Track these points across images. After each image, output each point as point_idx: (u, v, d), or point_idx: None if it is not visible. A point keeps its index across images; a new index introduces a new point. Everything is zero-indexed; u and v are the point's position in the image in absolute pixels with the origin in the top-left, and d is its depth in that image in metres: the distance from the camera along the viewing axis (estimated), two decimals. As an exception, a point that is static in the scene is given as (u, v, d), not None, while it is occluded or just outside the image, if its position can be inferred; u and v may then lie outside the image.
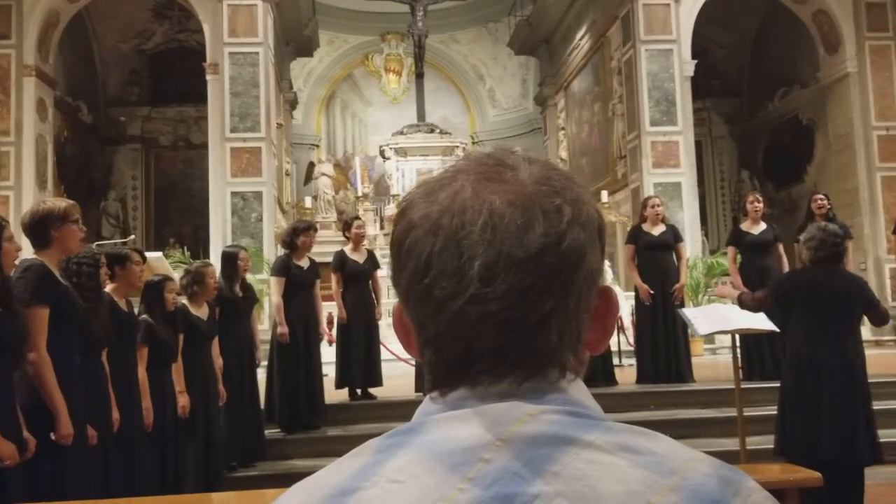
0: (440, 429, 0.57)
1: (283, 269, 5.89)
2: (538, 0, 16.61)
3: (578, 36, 15.41)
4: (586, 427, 0.56)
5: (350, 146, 20.73)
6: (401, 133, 16.79)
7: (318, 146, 20.40)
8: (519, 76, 20.66)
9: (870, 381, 4.12)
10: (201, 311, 4.92)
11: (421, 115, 17.28)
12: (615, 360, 8.44)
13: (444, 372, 0.60)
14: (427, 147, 16.08)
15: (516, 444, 0.54)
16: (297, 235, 5.90)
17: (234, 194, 11.28)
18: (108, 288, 3.97)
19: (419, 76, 17.70)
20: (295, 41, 16.00)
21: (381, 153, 17.05)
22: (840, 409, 3.87)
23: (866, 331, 6.85)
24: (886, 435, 5.03)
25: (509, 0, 18.38)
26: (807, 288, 4.04)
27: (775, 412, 5.56)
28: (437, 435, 0.56)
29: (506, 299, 0.56)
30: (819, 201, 7.36)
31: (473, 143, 20.82)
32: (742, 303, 4.45)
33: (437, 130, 16.93)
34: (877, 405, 4.22)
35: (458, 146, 16.12)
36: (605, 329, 0.64)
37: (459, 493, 0.53)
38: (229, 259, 5.54)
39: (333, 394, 6.31)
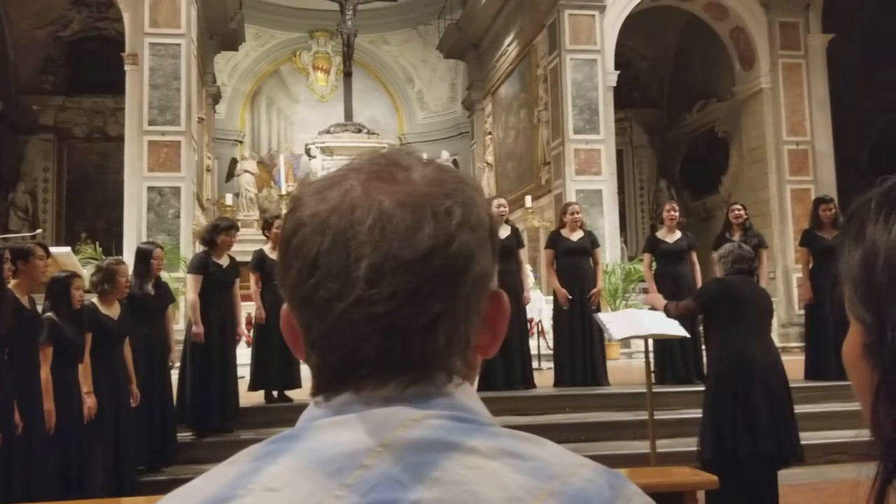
0: (321, 434, 0.56)
1: (201, 266, 5.75)
2: (467, 5, 16.74)
3: (506, 42, 15.59)
4: (470, 432, 0.55)
5: (275, 143, 20.42)
6: (327, 132, 16.65)
7: (241, 142, 20.02)
8: (448, 80, 20.76)
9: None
10: (112, 310, 4.76)
11: (348, 114, 17.18)
12: (534, 364, 8.57)
13: (329, 376, 0.59)
14: (354, 147, 15.96)
15: (398, 449, 0.54)
16: (218, 233, 5.78)
17: (150, 189, 10.96)
18: (11, 284, 3.80)
19: (347, 75, 17.59)
20: (219, 34, 15.67)
21: (307, 151, 16.86)
22: (772, 406, 4.04)
23: (773, 336, 7.15)
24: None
25: (440, 3, 18.46)
26: (730, 293, 4.19)
27: (686, 416, 5.74)
28: (318, 441, 0.55)
29: (392, 301, 0.56)
30: (736, 211, 7.61)
31: (402, 144, 20.79)
32: (668, 313, 4.58)
33: (365, 130, 16.86)
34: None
35: (385, 147, 16.07)
36: (495, 333, 0.63)
37: (336, 501, 0.52)
38: (143, 256, 5.39)
39: (249, 396, 6.20)
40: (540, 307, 9.16)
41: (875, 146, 14.28)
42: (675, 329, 5.09)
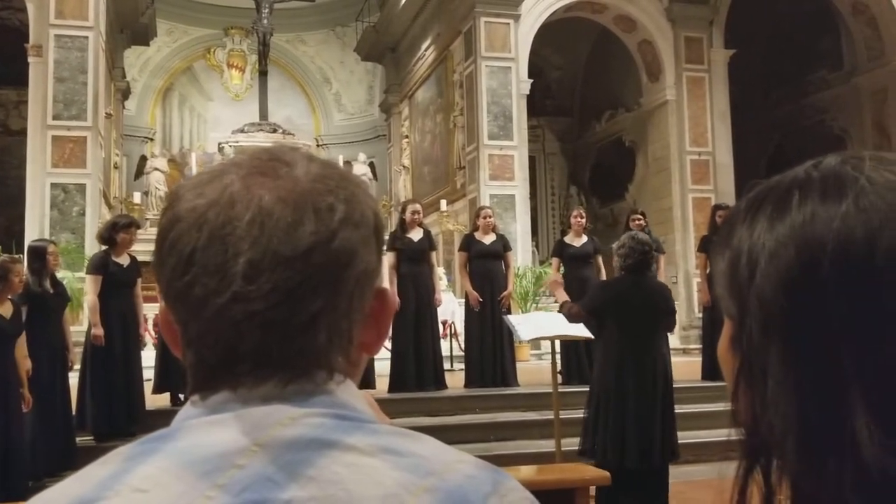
0: (195, 434, 0.54)
1: (100, 266, 5.58)
2: (385, 8, 16.76)
3: (423, 47, 15.69)
4: (349, 430, 0.55)
5: (187, 141, 19.92)
6: (241, 131, 16.35)
7: (152, 140, 19.46)
8: (366, 82, 20.71)
9: (676, 385, 4.48)
10: (4, 309, 4.60)
11: (263, 113, 16.92)
12: (447, 365, 8.67)
13: (206, 374, 0.57)
14: (268, 147, 15.76)
15: (273, 448, 0.53)
16: (117, 231, 5.62)
17: (54, 186, 10.54)
18: None
19: (263, 74, 17.32)
20: (130, 28, 15.20)
21: (220, 150, 16.50)
22: (647, 411, 4.16)
23: (674, 339, 7.46)
24: (692, 436, 5.53)
25: (358, 5, 18.41)
26: (617, 299, 4.27)
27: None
28: (192, 440, 0.54)
29: (271, 298, 0.55)
30: (637, 220, 7.93)
31: (318, 145, 20.61)
32: (562, 310, 4.68)
33: (280, 130, 16.63)
34: (682, 408, 4.59)
35: (301, 148, 15.91)
36: (380, 330, 0.63)
37: (208, 501, 0.51)
38: (37, 253, 5.20)
39: (155, 399, 6.07)
40: (453, 309, 9.28)
41: (772, 158, 15.02)
42: (580, 331, 5.26)
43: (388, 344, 8.03)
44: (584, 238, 7.56)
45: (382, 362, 7.33)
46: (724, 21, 13.16)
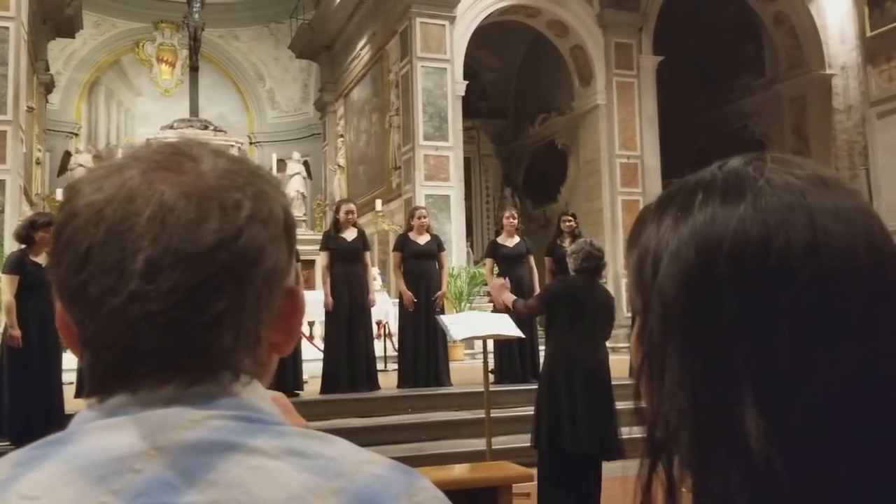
0: (90, 438, 0.52)
1: (17, 265, 5.38)
2: (321, 6, 16.62)
3: (359, 46, 15.62)
4: (253, 432, 0.53)
5: (114, 137, 19.37)
6: (171, 127, 15.98)
7: (77, 135, 18.86)
8: (300, 80, 20.49)
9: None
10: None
11: (194, 110, 16.58)
12: (381, 366, 8.66)
13: (103, 376, 0.55)
14: (200, 144, 15.45)
15: (173, 452, 0.51)
16: (35, 230, 5.41)
17: (-29, 182, 10.15)
18: None
19: (194, 70, 16.97)
20: (54, 20, 14.69)
21: (149, 147, 16.12)
22: (594, 407, 4.27)
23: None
24: (623, 433, 5.65)
25: (292, 2, 18.21)
26: (572, 295, 4.37)
27: (521, 413, 5.99)
28: (86, 445, 0.52)
29: (171, 298, 0.53)
30: (567, 222, 8.07)
31: (251, 143, 20.31)
32: (516, 311, 4.74)
33: (212, 128, 16.32)
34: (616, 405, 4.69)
35: (233, 145, 15.64)
36: (290, 330, 0.61)
37: None
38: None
39: (78, 403, 5.90)
40: (387, 309, 9.27)
41: (697, 162, 15.43)
42: (511, 330, 5.33)
43: (320, 344, 7.98)
44: (517, 238, 7.65)
45: (314, 363, 7.29)
46: (653, 28, 13.48)
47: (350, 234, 7.09)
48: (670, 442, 0.51)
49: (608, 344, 4.64)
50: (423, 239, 7.35)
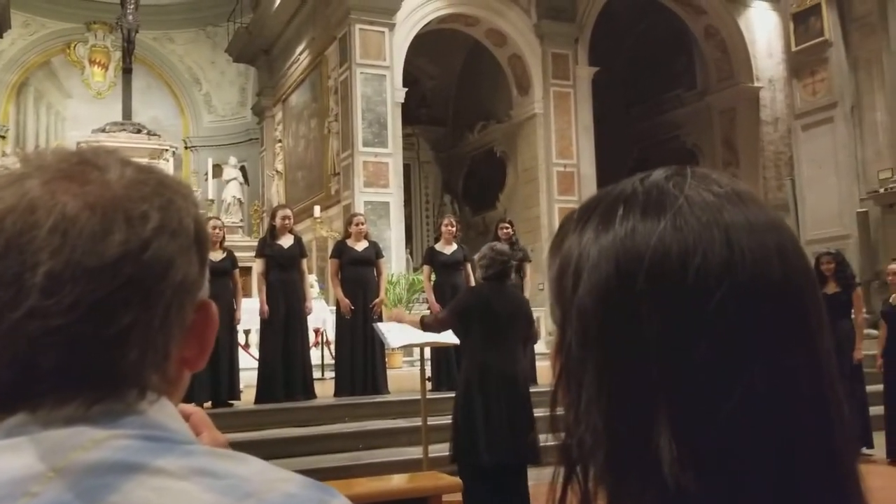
0: None
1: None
2: (259, 10, 16.44)
3: (298, 51, 15.50)
4: (159, 452, 0.51)
5: (43, 140, 18.78)
6: (102, 130, 15.55)
7: (4, 137, 18.24)
8: (238, 84, 20.22)
9: (539, 390, 4.60)
10: None
11: (127, 113, 16.16)
12: (319, 374, 8.59)
13: (2, 394, 0.53)
14: (132, 148, 15.01)
15: (73, 473, 0.49)
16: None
17: None
18: None
19: (127, 72, 16.54)
20: (-21, 19, 14.21)
21: (79, 151, 15.67)
22: (508, 415, 4.28)
23: (540, 344, 7.69)
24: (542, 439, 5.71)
25: (229, 5, 17.97)
26: (482, 304, 4.39)
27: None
28: None
29: (73, 313, 0.51)
30: (504, 229, 8.15)
31: (186, 147, 19.96)
32: (426, 326, 4.73)
33: (145, 131, 15.95)
34: (544, 412, 4.71)
35: (167, 149, 15.34)
36: (202, 345, 0.59)
37: None
38: None
39: None
40: (324, 317, 9.20)
41: (631, 171, 15.57)
42: (447, 337, 5.34)
43: (256, 353, 7.87)
44: (455, 246, 7.67)
45: (250, 372, 7.18)
46: (589, 40, 13.73)
47: (286, 241, 7.02)
48: (586, 461, 0.51)
49: (544, 349, 4.63)
50: (361, 245, 7.32)
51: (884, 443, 6.16)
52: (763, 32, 14.56)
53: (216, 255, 6.61)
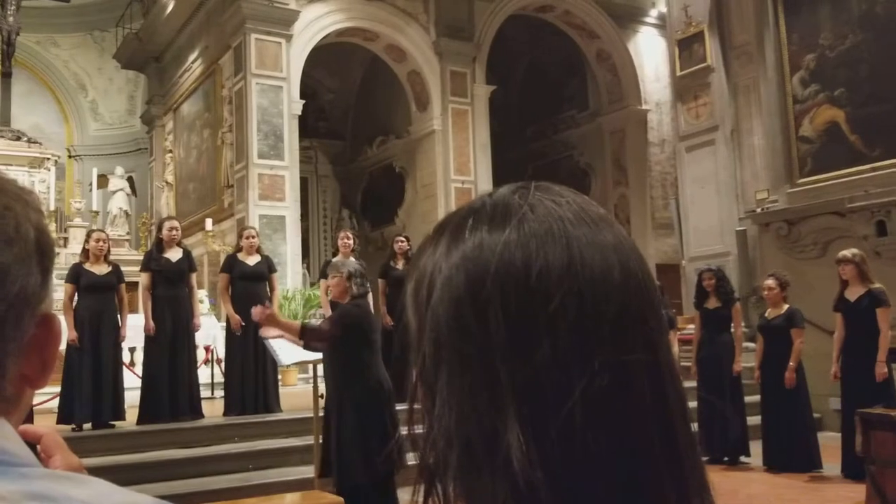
0: None
1: None
2: (149, 16, 15.93)
3: (191, 59, 15.08)
4: None
5: None
6: (-23, 136, 14.68)
7: None
8: (126, 91, 19.49)
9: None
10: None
11: (5, 118, 15.29)
12: (207, 392, 8.32)
13: None
14: (11, 156, 14.26)
15: None
16: None
17: None
18: None
19: (6, 76, 15.67)
20: None
21: (-50, 157, 14.71)
22: (374, 425, 4.27)
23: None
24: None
25: (118, 10, 17.33)
26: (364, 318, 4.40)
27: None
28: None
29: None
30: (400, 242, 8.16)
31: (70, 156, 19.09)
32: (306, 334, 4.66)
33: (25, 138, 15.14)
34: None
35: (49, 158, 14.60)
36: (44, 362, 0.57)
37: None
38: None
39: None
40: (214, 334, 8.92)
41: (527, 188, 16.12)
42: (340, 354, 5.28)
43: (139, 371, 7.54)
44: (353, 261, 7.60)
45: (134, 391, 6.87)
46: (486, 59, 13.98)
47: (174, 255, 6.79)
48: (441, 465, 0.51)
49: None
50: (253, 260, 7.16)
51: (761, 451, 6.46)
52: (651, 57, 15.20)
53: (101, 269, 6.40)
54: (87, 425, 6.30)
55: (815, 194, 8.90)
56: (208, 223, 12.52)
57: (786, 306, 6.40)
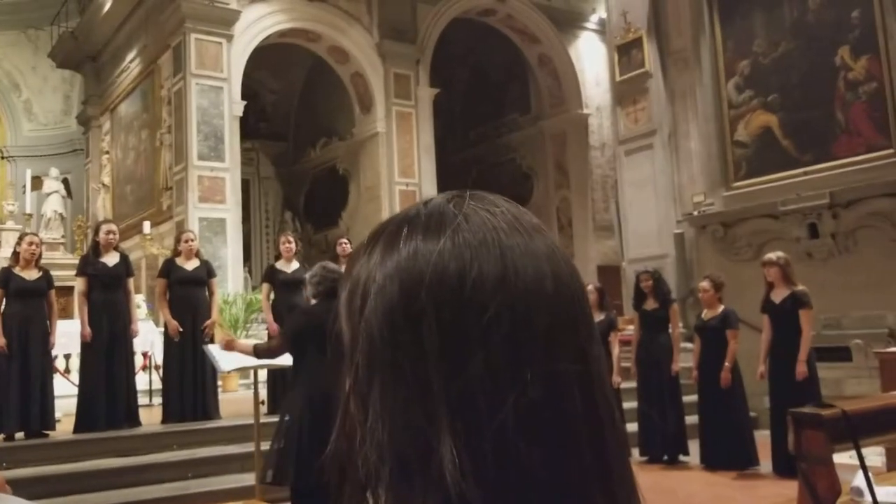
0: None
1: None
2: (86, 14, 15.53)
3: (129, 58, 14.74)
4: None
5: None
6: None
7: None
8: (62, 91, 18.95)
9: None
10: None
11: (-69, 118, 14.77)
12: (146, 400, 8.14)
13: None
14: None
15: None
16: None
17: None
18: None
19: (-68, 73, 15.14)
20: None
21: None
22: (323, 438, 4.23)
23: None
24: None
25: (54, 8, 16.84)
26: (315, 324, 4.35)
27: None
28: None
29: None
30: (343, 245, 8.13)
31: (3, 157, 18.46)
32: (260, 353, 4.60)
33: (-48, 139, 14.64)
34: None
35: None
36: None
37: None
38: None
39: None
40: (153, 339, 8.73)
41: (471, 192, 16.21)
42: (282, 359, 5.22)
43: (76, 378, 7.33)
44: (296, 264, 7.53)
45: (69, 400, 6.69)
46: (430, 62, 14.00)
47: (111, 259, 6.62)
48: (373, 478, 0.50)
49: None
50: (192, 264, 7.03)
51: (698, 450, 6.61)
52: (592, 62, 15.44)
53: (31, 275, 6.23)
54: (19, 435, 6.11)
55: (749, 197, 9.15)
56: (146, 226, 12.23)
57: (721, 307, 6.55)
